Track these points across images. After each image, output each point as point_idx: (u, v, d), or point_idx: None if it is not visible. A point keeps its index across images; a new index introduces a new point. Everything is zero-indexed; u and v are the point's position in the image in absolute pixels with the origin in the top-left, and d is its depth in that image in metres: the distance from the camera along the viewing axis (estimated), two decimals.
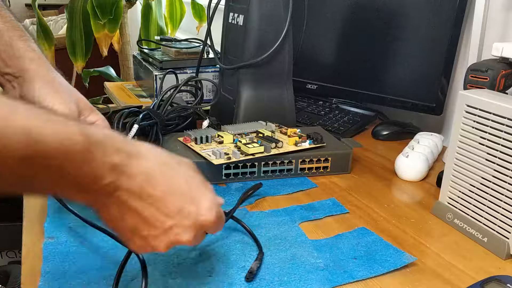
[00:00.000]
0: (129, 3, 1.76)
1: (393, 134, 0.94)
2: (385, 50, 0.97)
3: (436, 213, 0.64)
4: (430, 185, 0.73)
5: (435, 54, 0.89)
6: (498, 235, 0.55)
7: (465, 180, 0.59)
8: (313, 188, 0.70)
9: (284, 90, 0.87)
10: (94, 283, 0.47)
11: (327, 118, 0.99)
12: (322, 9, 1.06)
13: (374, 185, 0.73)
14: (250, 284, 0.48)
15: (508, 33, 0.82)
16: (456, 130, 0.60)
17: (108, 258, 0.51)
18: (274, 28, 0.82)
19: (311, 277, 0.49)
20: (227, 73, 0.90)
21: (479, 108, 0.56)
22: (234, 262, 0.51)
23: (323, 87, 1.09)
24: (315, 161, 0.74)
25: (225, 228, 0.58)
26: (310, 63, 1.10)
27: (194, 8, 1.84)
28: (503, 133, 0.53)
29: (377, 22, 0.97)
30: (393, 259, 0.53)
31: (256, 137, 0.75)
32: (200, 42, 1.21)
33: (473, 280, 0.50)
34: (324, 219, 0.62)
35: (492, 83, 0.63)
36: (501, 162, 0.54)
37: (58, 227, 0.56)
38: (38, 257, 0.51)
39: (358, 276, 0.50)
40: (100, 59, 1.64)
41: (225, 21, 0.90)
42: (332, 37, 1.06)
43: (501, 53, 0.63)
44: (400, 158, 0.75)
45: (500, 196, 0.54)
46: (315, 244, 0.55)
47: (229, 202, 0.64)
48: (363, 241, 0.56)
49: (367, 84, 1.01)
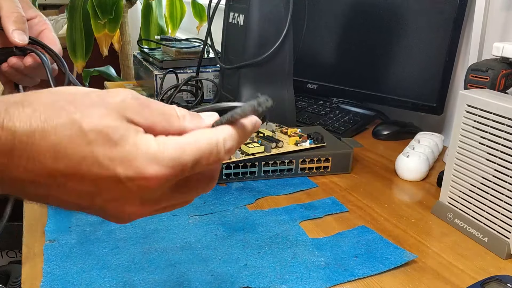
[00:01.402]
0: (130, 2, 1.76)
1: (394, 134, 0.94)
2: (385, 49, 0.97)
3: (436, 213, 0.64)
4: (431, 185, 0.74)
5: (436, 54, 0.90)
6: (499, 234, 0.55)
7: (465, 180, 0.59)
8: (313, 188, 0.70)
9: (284, 89, 0.87)
10: (95, 283, 0.47)
11: (328, 118, 0.99)
12: (322, 9, 1.06)
13: (374, 185, 0.73)
14: (252, 282, 0.48)
15: (508, 33, 0.82)
16: (457, 130, 0.60)
17: (109, 258, 0.51)
18: (275, 27, 0.82)
19: (313, 276, 0.49)
20: (228, 72, 0.90)
21: (479, 108, 0.56)
22: (235, 261, 0.51)
23: (324, 87, 1.09)
24: (316, 161, 0.74)
25: (225, 228, 0.58)
26: (310, 62, 1.10)
27: (195, 8, 1.84)
28: (503, 132, 0.53)
29: (377, 21, 0.97)
30: (394, 257, 0.53)
31: (256, 136, 0.75)
32: (201, 42, 1.21)
33: (473, 279, 0.50)
34: (324, 218, 0.62)
35: (493, 83, 0.63)
36: (502, 162, 0.54)
37: (58, 229, 0.56)
38: (39, 257, 0.51)
39: (359, 274, 0.50)
40: (101, 59, 1.64)
41: (225, 21, 0.91)
42: (333, 36, 1.06)
43: (501, 53, 0.63)
44: (401, 158, 0.75)
45: (500, 196, 0.54)
46: (315, 243, 0.55)
47: (230, 202, 0.65)
48: (363, 239, 0.57)
49: (367, 84, 1.01)
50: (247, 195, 0.67)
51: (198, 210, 0.62)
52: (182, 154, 0.28)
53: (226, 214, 0.61)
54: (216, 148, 0.29)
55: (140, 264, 0.50)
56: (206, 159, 0.29)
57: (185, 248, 0.53)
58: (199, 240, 0.55)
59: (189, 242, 0.55)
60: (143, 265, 0.50)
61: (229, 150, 0.30)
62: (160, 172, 0.27)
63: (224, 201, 0.65)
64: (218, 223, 0.59)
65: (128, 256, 0.51)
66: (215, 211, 0.62)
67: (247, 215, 0.61)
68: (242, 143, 0.31)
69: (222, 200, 0.65)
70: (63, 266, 0.49)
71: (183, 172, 0.28)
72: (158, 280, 0.48)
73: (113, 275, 0.48)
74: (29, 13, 0.56)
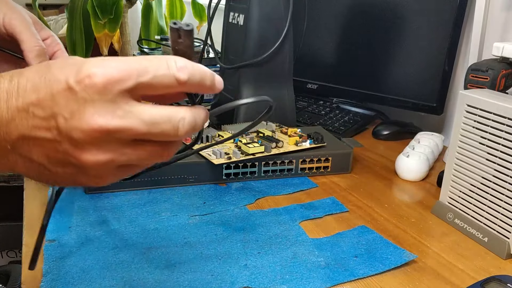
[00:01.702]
0: (130, 2, 1.76)
1: (394, 134, 0.94)
2: (385, 49, 0.97)
3: (436, 213, 0.64)
4: (431, 185, 0.74)
5: (436, 53, 0.90)
6: (499, 234, 0.55)
7: (465, 180, 0.59)
8: (313, 188, 0.70)
9: (284, 89, 0.87)
10: (95, 283, 0.47)
11: (328, 118, 0.99)
12: (322, 9, 1.06)
13: (374, 185, 0.73)
14: (252, 282, 0.48)
15: (508, 33, 0.82)
16: (457, 130, 0.60)
17: (109, 258, 0.51)
18: (275, 27, 0.83)
19: (313, 275, 0.49)
20: (228, 72, 0.90)
21: (479, 108, 0.56)
22: (235, 261, 0.51)
23: (324, 87, 1.09)
24: (316, 161, 0.74)
25: (225, 228, 0.58)
26: (310, 62, 1.10)
27: (195, 8, 1.84)
28: (503, 133, 0.53)
29: (377, 21, 0.97)
30: (394, 257, 0.53)
31: (256, 137, 0.75)
32: (201, 42, 1.21)
33: (473, 279, 0.50)
34: (324, 218, 0.62)
35: (493, 83, 0.63)
36: (502, 162, 0.54)
37: (58, 229, 0.56)
38: (39, 257, 0.51)
39: (359, 274, 0.50)
40: None
41: (225, 21, 0.91)
42: (333, 36, 1.06)
43: (501, 53, 0.63)
44: (401, 158, 0.75)
45: (500, 196, 0.54)
46: (315, 243, 0.55)
47: (230, 202, 0.65)
48: (363, 239, 0.57)
49: (367, 84, 1.01)
50: (247, 195, 0.67)
51: (198, 210, 0.62)
52: (127, 60, 0.30)
53: (226, 214, 0.61)
54: (166, 61, 0.30)
55: (140, 264, 0.50)
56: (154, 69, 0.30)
57: (185, 248, 0.53)
58: (199, 240, 0.55)
59: (189, 242, 0.55)
60: (143, 265, 0.50)
61: (181, 67, 0.30)
62: (104, 69, 0.29)
63: (224, 201, 0.65)
64: (218, 223, 0.59)
65: (128, 256, 0.52)
66: (215, 211, 0.62)
67: (247, 215, 0.61)
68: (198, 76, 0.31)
69: (222, 200, 0.65)
70: (63, 266, 0.49)
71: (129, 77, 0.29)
72: (158, 280, 0.48)
73: (113, 275, 0.48)
74: (42, 34, 0.58)
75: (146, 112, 0.30)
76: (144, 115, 0.30)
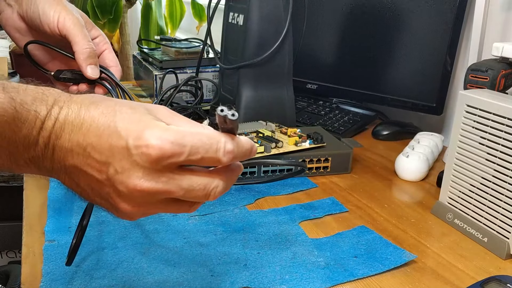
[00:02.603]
0: (129, 3, 1.76)
1: (393, 134, 0.94)
2: (385, 50, 0.97)
3: (436, 213, 0.64)
4: (430, 185, 0.74)
5: (435, 54, 0.90)
6: (498, 235, 0.55)
7: (465, 180, 0.59)
8: (313, 188, 0.70)
9: (284, 90, 0.87)
10: (95, 283, 0.47)
11: (327, 118, 0.99)
12: (322, 9, 1.06)
13: (374, 185, 0.73)
14: (252, 282, 0.48)
15: (508, 33, 0.82)
16: (456, 130, 0.60)
17: (109, 258, 0.51)
18: (274, 28, 0.82)
19: (312, 276, 0.49)
20: (227, 73, 0.90)
21: (479, 108, 0.56)
22: (235, 261, 0.51)
23: (323, 87, 1.09)
24: (315, 161, 0.74)
25: (225, 228, 0.58)
26: (310, 63, 1.10)
27: (194, 8, 1.84)
28: (503, 133, 0.53)
29: (377, 21, 0.97)
30: (393, 257, 0.53)
31: (256, 137, 0.75)
32: (200, 42, 1.21)
33: (473, 280, 0.50)
34: (323, 218, 0.62)
35: (492, 83, 0.63)
36: (501, 162, 0.54)
37: (58, 229, 0.56)
38: (38, 257, 0.51)
39: (359, 274, 0.50)
40: None
41: (225, 21, 0.91)
42: (332, 36, 1.06)
43: (501, 53, 0.63)
44: (400, 158, 0.75)
45: (500, 196, 0.54)
46: (315, 243, 0.55)
47: (230, 202, 0.65)
48: (363, 240, 0.57)
49: (367, 84, 1.01)
50: (247, 195, 0.67)
51: (198, 210, 0.62)
52: (183, 137, 0.32)
53: (226, 214, 0.61)
54: (216, 144, 0.33)
55: (140, 264, 0.50)
56: (204, 150, 0.33)
57: (185, 248, 0.53)
58: (199, 240, 0.55)
59: (189, 242, 0.55)
60: (143, 265, 0.50)
61: (228, 152, 0.34)
62: (161, 144, 0.32)
63: (223, 201, 0.65)
64: (218, 223, 0.59)
65: (128, 256, 0.51)
66: (215, 211, 0.62)
67: (246, 215, 0.61)
68: (240, 156, 0.35)
69: (221, 200, 0.65)
70: (63, 266, 0.49)
71: (181, 154, 0.32)
72: (158, 280, 0.48)
73: (113, 275, 0.48)
74: (92, 32, 0.61)
75: (185, 180, 0.34)
76: (183, 183, 0.34)
